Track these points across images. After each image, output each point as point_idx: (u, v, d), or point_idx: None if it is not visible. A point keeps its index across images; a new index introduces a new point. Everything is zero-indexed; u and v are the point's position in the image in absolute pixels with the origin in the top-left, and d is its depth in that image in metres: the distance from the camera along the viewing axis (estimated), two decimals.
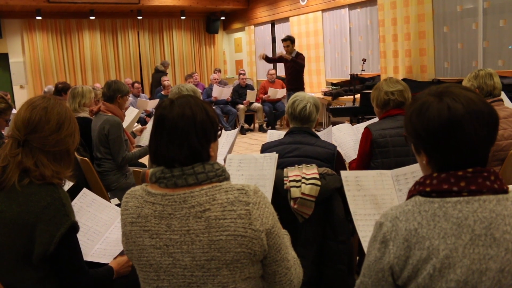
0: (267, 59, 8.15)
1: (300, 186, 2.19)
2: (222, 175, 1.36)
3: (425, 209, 1.11)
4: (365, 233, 1.84)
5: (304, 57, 7.78)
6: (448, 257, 1.06)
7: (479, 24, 6.69)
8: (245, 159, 2.33)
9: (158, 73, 10.84)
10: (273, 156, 2.26)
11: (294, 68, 7.63)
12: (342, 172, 2.06)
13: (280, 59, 7.93)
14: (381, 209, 1.90)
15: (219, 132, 1.45)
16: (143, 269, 1.36)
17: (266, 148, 2.55)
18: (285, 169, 2.32)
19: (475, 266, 1.05)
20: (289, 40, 7.66)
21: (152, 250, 1.32)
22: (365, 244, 1.78)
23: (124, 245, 1.40)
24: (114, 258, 2.00)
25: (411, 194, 1.19)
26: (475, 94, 1.13)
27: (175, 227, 1.30)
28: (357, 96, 7.29)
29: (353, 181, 2.00)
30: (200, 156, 1.35)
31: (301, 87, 7.63)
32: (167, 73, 10.78)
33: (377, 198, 1.95)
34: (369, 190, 1.98)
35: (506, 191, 1.11)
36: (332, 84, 9.76)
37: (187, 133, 1.33)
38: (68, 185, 2.35)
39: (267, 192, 2.17)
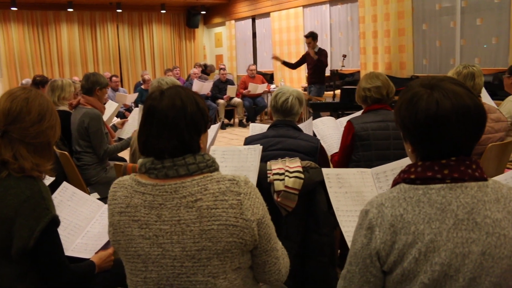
0: (286, 64, 8.27)
1: (283, 179, 2.20)
2: (212, 166, 1.36)
3: (410, 196, 1.15)
4: (348, 228, 1.86)
5: (327, 53, 7.84)
6: (432, 241, 1.09)
7: (457, 22, 6.80)
8: (229, 150, 2.33)
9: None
10: (257, 148, 2.27)
11: (317, 64, 7.70)
12: (324, 170, 2.08)
13: (303, 60, 8.01)
14: (362, 206, 1.93)
15: (209, 124, 1.44)
16: (130, 260, 1.35)
17: (249, 142, 2.56)
18: (268, 162, 2.32)
19: (458, 249, 1.09)
20: (311, 37, 7.67)
21: (141, 240, 1.31)
22: (348, 239, 1.80)
23: (111, 236, 1.38)
24: (96, 253, 1.98)
25: (396, 182, 1.23)
26: (465, 90, 1.15)
27: (165, 217, 1.29)
28: (337, 91, 7.35)
29: (334, 178, 2.02)
30: (190, 147, 1.35)
31: (322, 81, 7.79)
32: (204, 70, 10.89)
33: (358, 195, 1.97)
34: (351, 187, 2.00)
35: (486, 179, 1.16)
36: None
37: (177, 124, 1.32)
38: (48, 180, 2.31)
39: None
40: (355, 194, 1.97)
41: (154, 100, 1.36)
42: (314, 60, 7.65)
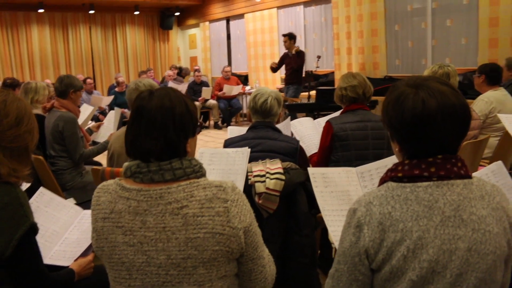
0: (274, 70, 8.27)
1: (264, 181, 2.19)
2: (199, 171, 1.33)
3: (398, 194, 1.16)
4: (334, 227, 1.87)
5: (303, 54, 7.84)
6: (420, 238, 1.11)
7: (428, 23, 6.95)
8: (217, 153, 2.29)
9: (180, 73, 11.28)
10: (245, 150, 2.24)
11: (293, 65, 7.70)
12: (309, 169, 2.08)
13: (282, 61, 8.00)
14: (348, 205, 1.94)
15: (198, 128, 1.42)
16: (114, 267, 1.31)
17: (229, 144, 2.54)
18: (249, 164, 2.31)
19: (445, 246, 1.10)
20: (288, 36, 7.68)
21: (125, 247, 1.28)
22: (335, 238, 1.81)
23: (94, 242, 1.34)
24: (75, 260, 1.93)
25: (383, 180, 1.23)
26: (450, 89, 1.17)
27: (150, 224, 1.26)
28: (312, 92, 7.41)
29: (320, 177, 2.02)
30: (177, 150, 1.32)
31: (299, 81, 7.80)
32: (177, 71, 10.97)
33: (344, 194, 1.98)
34: (336, 187, 2.01)
35: (470, 177, 1.18)
36: None
37: (165, 125, 1.29)
38: (23, 185, 2.25)
39: (239, 187, 2.14)
40: (341, 193, 1.98)
41: (143, 100, 1.33)
42: (292, 61, 7.66)
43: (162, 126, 1.29)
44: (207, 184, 1.29)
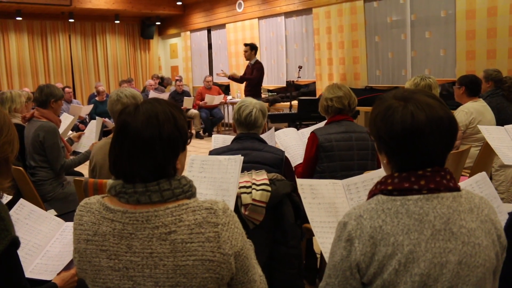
0: (233, 79, 8.01)
1: (250, 193, 2.17)
2: (189, 191, 1.26)
3: (388, 207, 1.16)
4: (322, 239, 1.86)
5: (261, 66, 7.56)
6: (412, 252, 1.11)
7: (407, 35, 7.08)
8: (208, 160, 2.22)
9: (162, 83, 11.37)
10: (238, 158, 2.16)
11: (249, 76, 7.54)
12: (297, 180, 2.07)
13: (243, 77, 7.76)
14: (336, 217, 1.94)
15: (189, 140, 1.35)
16: None
17: (214, 155, 2.52)
18: None
19: (436, 259, 1.11)
20: (249, 46, 7.54)
21: (110, 272, 1.21)
22: (324, 250, 1.81)
23: (77, 263, 1.27)
24: (58, 274, 1.88)
25: (372, 193, 1.23)
26: (437, 102, 1.18)
27: (136, 249, 1.20)
28: (294, 102, 7.45)
29: (308, 189, 2.01)
30: (165, 171, 1.24)
31: (256, 94, 7.53)
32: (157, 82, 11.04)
33: (331, 207, 1.97)
34: (324, 199, 1.99)
35: (459, 189, 1.19)
36: (269, 90, 9.89)
37: (151, 146, 1.21)
38: (5, 198, 2.19)
39: (231, 197, 2.10)
40: (328, 205, 1.97)
41: (128, 115, 1.24)
42: (248, 72, 7.50)
43: (147, 147, 1.21)
44: (197, 207, 1.22)
